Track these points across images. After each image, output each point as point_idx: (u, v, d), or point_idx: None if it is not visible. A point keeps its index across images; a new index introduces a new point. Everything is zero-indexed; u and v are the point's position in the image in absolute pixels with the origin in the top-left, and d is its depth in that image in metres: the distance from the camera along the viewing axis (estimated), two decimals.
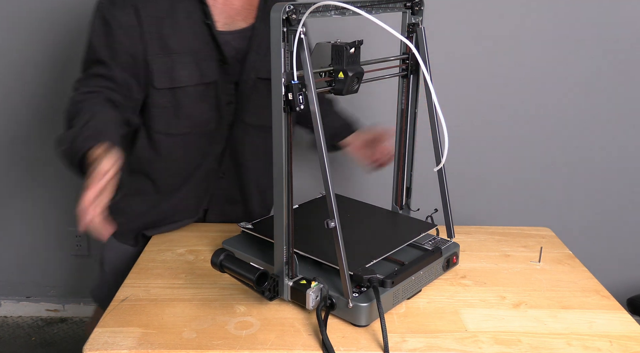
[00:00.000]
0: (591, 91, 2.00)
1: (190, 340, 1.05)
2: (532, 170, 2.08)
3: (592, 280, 1.31)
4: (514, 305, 1.19)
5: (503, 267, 1.36)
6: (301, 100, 1.02)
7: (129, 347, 1.03)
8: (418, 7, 1.27)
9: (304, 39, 1.00)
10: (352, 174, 2.08)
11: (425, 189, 1.57)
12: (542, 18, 1.91)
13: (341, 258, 1.06)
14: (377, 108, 1.98)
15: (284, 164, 1.07)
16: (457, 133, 1.91)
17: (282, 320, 1.11)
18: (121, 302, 1.18)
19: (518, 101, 2.00)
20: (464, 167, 2.03)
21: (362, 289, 1.11)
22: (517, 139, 2.05)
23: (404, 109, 1.37)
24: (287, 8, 0.98)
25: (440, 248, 1.28)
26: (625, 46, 1.95)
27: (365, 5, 1.14)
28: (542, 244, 1.45)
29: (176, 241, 1.44)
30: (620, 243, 2.18)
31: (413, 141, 1.39)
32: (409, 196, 1.43)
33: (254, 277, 1.05)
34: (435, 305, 1.19)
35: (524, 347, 1.05)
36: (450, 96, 1.93)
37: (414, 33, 1.29)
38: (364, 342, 1.05)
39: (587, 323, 1.13)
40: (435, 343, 1.05)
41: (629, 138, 2.05)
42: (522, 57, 1.95)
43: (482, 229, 1.56)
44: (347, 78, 1.11)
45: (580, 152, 2.06)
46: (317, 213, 1.39)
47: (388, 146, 1.53)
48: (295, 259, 1.14)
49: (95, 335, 1.06)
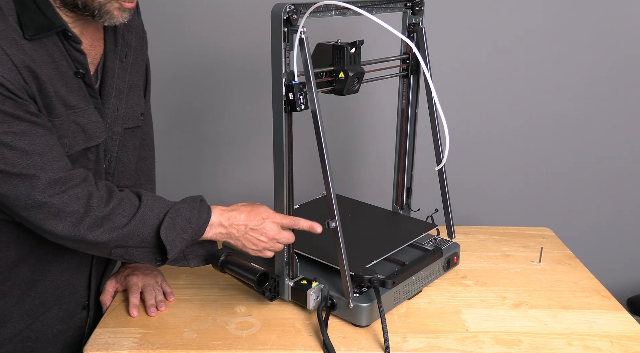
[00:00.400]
0: (592, 91, 2.00)
1: (191, 341, 1.05)
2: (532, 170, 2.08)
3: (592, 280, 1.31)
4: (514, 305, 1.19)
5: (503, 267, 1.36)
6: (302, 100, 1.02)
7: (129, 347, 1.03)
8: (418, 7, 1.27)
9: (305, 39, 1.00)
10: (352, 174, 2.08)
11: (426, 189, 1.57)
12: (543, 18, 1.91)
13: (342, 258, 1.05)
14: (377, 108, 1.98)
15: (284, 164, 1.07)
16: (457, 132, 1.91)
17: (282, 321, 1.11)
18: (121, 302, 1.18)
19: (519, 101, 2.00)
20: (465, 167, 2.03)
21: (362, 289, 1.11)
22: (518, 139, 2.04)
23: (405, 109, 1.37)
24: (288, 8, 0.98)
25: (441, 248, 1.28)
26: (626, 47, 1.95)
27: (365, 5, 1.14)
28: (543, 244, 1.45)
29: None
30: (621, 243, 2.18)
31: (413, 141, 1.39)
32: (409, 196, 1.43)
33: (255, 277, 1.05)
34: (436, 305, 1.18)
35: (525, 347, 1.05)
36: (451, 95, 1.93)
37: (415, 33, 1.29)
38: (364, 342, 1.05)
39: (588, 323, 1.13)
40: (435, 343, 1.05)
41: (629, 138, 2.05)
42: (523, 57, 1.95)
43: (482, 229, 1.56)
44: (348, 78, 1.11)
45: (580, 152, 2.06)
46: (318, 213, 1.38)
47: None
48: (295, 259, 1.14)
49: (96, 336, 1.06)
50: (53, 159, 0.95)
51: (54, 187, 0.94)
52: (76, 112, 1.02)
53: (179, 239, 1.02)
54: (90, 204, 0.97)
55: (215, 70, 1.94)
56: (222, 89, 1.97)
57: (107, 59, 1.09)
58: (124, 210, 1.00)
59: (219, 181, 2.08)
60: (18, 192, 0.93)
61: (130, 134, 1.18)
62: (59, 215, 0.95)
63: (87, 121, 1.05)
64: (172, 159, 1.98)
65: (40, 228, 0.96)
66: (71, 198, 0.96)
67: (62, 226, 0.95)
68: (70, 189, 0.96)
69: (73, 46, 1.00)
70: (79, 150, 1.04)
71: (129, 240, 1.01)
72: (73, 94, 1.02)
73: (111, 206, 0.99)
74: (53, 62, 0.98)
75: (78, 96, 1.03)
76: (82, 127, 1.04)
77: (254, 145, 2.03)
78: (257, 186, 2.04)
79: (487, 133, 2.04)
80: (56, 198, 0.94)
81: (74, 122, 1.02)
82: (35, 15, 0.95)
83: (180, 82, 1.94)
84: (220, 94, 1.97)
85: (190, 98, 1.98)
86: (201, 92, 1.97)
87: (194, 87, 1.96)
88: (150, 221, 1.01)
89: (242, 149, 2.04)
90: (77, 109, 1.03)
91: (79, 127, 1.03)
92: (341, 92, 1.13)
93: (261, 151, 2.01)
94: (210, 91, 1.97)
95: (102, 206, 0.98)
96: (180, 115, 1.99)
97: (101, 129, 1.08)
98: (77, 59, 1.01)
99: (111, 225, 0.98)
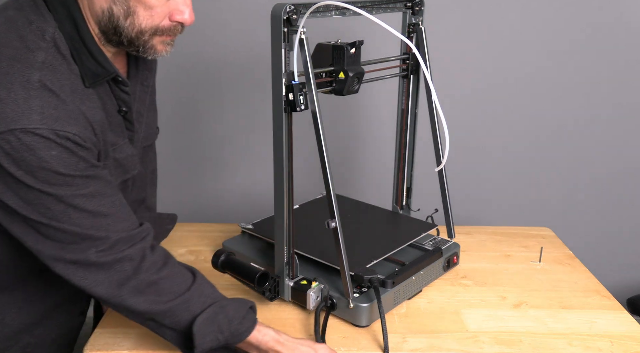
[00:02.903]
0: (592, 91, 2.00)
1: None
2: (532, 170, 2.08)
3: (592, 280, 1.31)
4: (514, 305, 1.19)
5: (503, 267, 1.36)
6: (302, 100, 1.02)
7: (129, 347, 1.03)
8: (418, 7, 1.27)
9: (305, 39, 0.99)
10: (352, 174, 2.08)
11: (425, 189, 1.57)
12: (543, 18, 1.91)
13: (342, 258, 1.05)
14: (377, 108, 1.98)
15: (284, 164, 1.07)
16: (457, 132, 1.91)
17: (282, 321, 1.11)
18: None
19: (519, 100, 2.00)
20: (465, 167, 2.03)
21: (362, 289, 1.11)
22: (518, 139, 2.04)
23: (405, 109, 1.37)
24: (288, 8, 0.98)
25: (441, 248, 1.28)
26: (626, 47, 1.95)
27: (365, 5, 1.14)
28: (543, 244, 1.45)
29: (176, 241, 1.44)
30: (621, 243, 2.18)
31: (413, 141, 1.39)
32: (409, 196, 1.43)
33: (255, 278, 1.04)
34: (436, 305, 1.18)
35: (525, 347, 1.05)
36: (451, 96, 1.93)
37: (415, 33, 1.29)
38: (364, 342, 1.05)
39: (588, 323, 1.13)
40: (436, 344, 1.05)
41: (629, 138, 2.05)
42: (523, 57, 1.95)
43: (482, 229, 1.56)
44: (348, 78, 1.11)
45: (580, 152, 2.06)
46: (318, 213, 1.38)
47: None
48: (295, 259, 1.14)
49: (96, 336, 1.06)
50: (118, 220, 0.90)
51: (113, 248, 0.89)
52: (115, 149, 1.00)
53: (211, 337, 0.94)
54: (140, 267, 0.91)
55: (215, 70, 1.94)
56: (222, 89, 1.97)
57: (130, 84, 1.05)
58: (172, 285, 0.94)
59: (219, 181, 2.08)
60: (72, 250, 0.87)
61: (148, 149, 1.18)
62: (106, 273, 0.89)
63: (124, 155, 1.02)
64: (172, 159, 1.98)
65: (78, 285, 0.89)
66: (125, 258, 0.90)
67: (104, 286, 0.89)
68: (128, 249, 0.90)
69: (122, 89, 0.98)
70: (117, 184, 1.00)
71: (166, 318, 0.94)
72: (114, 131, 0.99)
73: (162, 275, 0.93)
74: (103, 104, 0.95)
75: (117, 132, 1.01)
76: (120, 162, 1.01)
77: (254, 145, 2.03)
78: (257, 186, 2.05)
79: (487, 133, 2.04)
80: (110, 257, 0.89)
81: (113, 158, 0.99)
82: (90, 63, 0.91)
83: (180, 82, 1.94)
84: (220, 94, 1.97)
85: (190, 98, 1.98)
86: (201, 92, 1.97)
87: (193, 87, 1.96)
88: (194, 307, 0.94)
89: (242, 149, 2.04)
90: (116, 146, 1.00)
91: (117, 163, 1.00)
92: (341, 92, 1.13)
93: (261, 151, 2.01)
94: (210, 91, 1.97)
95: (152, 271, 0.92)
96: (180, 115, 1.99)
97: (136, 161, 1.06)
98: (122, 99, 0.99)
99: (155, 296, 0.92)
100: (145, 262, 0.92)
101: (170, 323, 0.94)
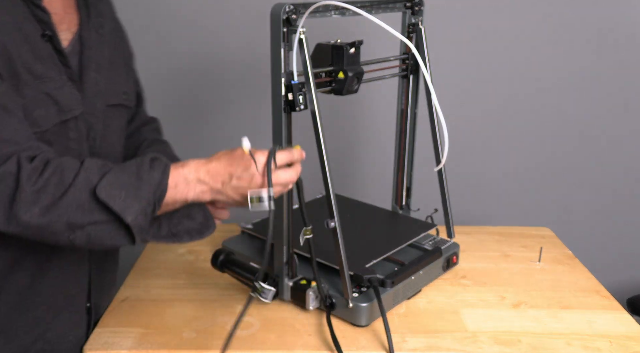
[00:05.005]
0: (591, 91, 2.00)
1: (191, 340, 1.05)
2: (532, 170, 2.08)
3: (592, 280, 1.31)
4: (513, 305, 1.19)
5: (503, 267, 1.36)
6: (301, 100, 1.02)
7: (129, 347, 1.03)
8: (418, 7, 1.27)
9: (304, 39, 1.00)
10: (352, 174, 2.08)
11: (425, 189, 1.57)
12: (543, 18, 1.91)
13: (341, 258, 1.06)
14: (377, 108, 1.98)
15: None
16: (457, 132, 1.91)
17: (282, 320, 1.11)
18: (121, 302, 1.18)
19: (518, 100, 2.00)
20: (464, 167, 2.03)
21: (362, 289, 1.11)
22: (517, 139, 2.04)
23: (404, 109, 1.37)
24: (287, 8, 0.98)
25: (440, 248, 1.28)
26: (625, 46, 1.95)
27: (365, 5, 1.14)
28: (542, 244, 1.45)
29: None
30: (620, 243, 2.18)
31: (413, 141, 1.39)
32: (409, 196, 1.43)
33: (254, 277, 1.04)
34: (435, 305, 1.19)
35: (524, 347, 1.05)
36: (451, 96, 1.92)
37: (414, 33, 1.29)
38: (364, 341, 1.05)
39: (587, 323, 1.13)
40: (435, 344, 1.05)
41: (629, 138, 2.05)
42: (523, 57, 1.95)
43: (482, 229, 1.56)
44: (347, 78, 1.11)
45: (580, 152, 2.06)
46: (318, 213, 1.38)
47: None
48: (295, 259, 1.14)
49: (96, 335, 1.06)
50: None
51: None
52: (45, 82, 0.92)
53: (128, 197, 0.85)
54: (20, 179, 0.82)
55: (215, 70, 1.94)
56: (221, 89, 1.96)
57: (82, 29, 1.01)
58: (61, 179, 0.84)
59: None
60: None
61: (115, 113, 1.09)
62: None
63: (59, 92, 0.94)
64: None
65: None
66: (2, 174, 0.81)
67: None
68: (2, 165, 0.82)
69: (34, 2, 0.91)
70: (55, 124, 0.93)
71: (74, 212, 0.83)
72: (41, 61, 0.92)
73: (45, 177, 0.83)
74: (15, 23, 0.88)
75: (48, 64, 0.93)
76: (53, 99, 0.93)
77: (254, 145, 2.02)
78: None
79: (486, 133, 2.04)
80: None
81: (44, 93, 0.91)
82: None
83: (179, 81, 1.94)
84: (219, 94, 1.97)
85: (190, 98, 1.98)
86: (200, 92, 1.97)
87: (193, 87, 1.96)
88: (88, 183, 0.84)
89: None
90: (46, 79, 0.92)
91: (50, 99, 0.92)
92: (340, 92, 1.13)
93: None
94: (209, 91, 1.97)
95: (33, 179, 0.82)
96: (179, 115, 1.99)
97: (77, 100, 0.97)
98: (41, 19, 0.92)
99: (50, 199, 0.82)
100: (23, 173, 0.82)
101: (85, 216, 0.84)
